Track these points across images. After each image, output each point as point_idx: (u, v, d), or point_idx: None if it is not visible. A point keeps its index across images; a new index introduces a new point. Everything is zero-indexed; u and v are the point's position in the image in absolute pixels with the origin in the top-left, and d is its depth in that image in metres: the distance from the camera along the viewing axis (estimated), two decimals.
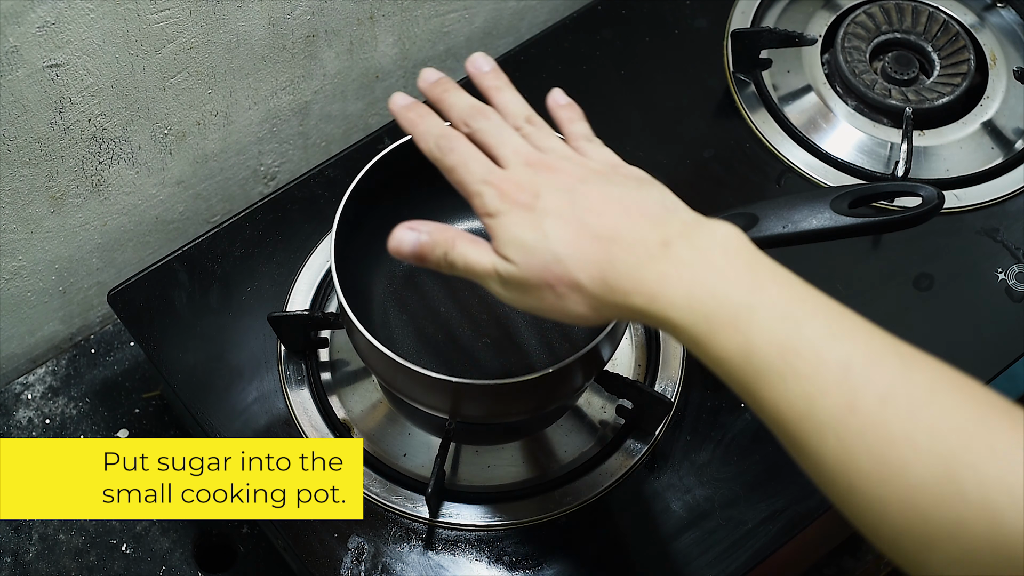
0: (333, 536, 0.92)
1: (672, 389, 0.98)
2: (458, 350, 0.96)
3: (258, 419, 0.97)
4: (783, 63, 1.15)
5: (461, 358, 0.95)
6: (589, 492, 0.94)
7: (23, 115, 0.95)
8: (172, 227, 1.16)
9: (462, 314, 0.97)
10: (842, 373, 0.59)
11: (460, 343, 0.96)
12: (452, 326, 0.97)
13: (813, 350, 0.60)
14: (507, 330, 0.96)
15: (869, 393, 0.58)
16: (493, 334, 0.96)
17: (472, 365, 0.95)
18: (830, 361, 0.59)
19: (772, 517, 0.93)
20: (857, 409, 0.58)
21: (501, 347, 0.96)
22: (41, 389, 1.11)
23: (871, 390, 0.58)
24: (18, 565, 1.01)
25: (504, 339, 0.96)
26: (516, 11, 1.27)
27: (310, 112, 1.18)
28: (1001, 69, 1.15)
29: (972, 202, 1.08)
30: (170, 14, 0.98)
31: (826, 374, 0.59)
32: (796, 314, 0.62)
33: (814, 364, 0.60)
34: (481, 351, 0.96)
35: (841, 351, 0.60)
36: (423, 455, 0.96)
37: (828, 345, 0.60)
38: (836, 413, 0.58)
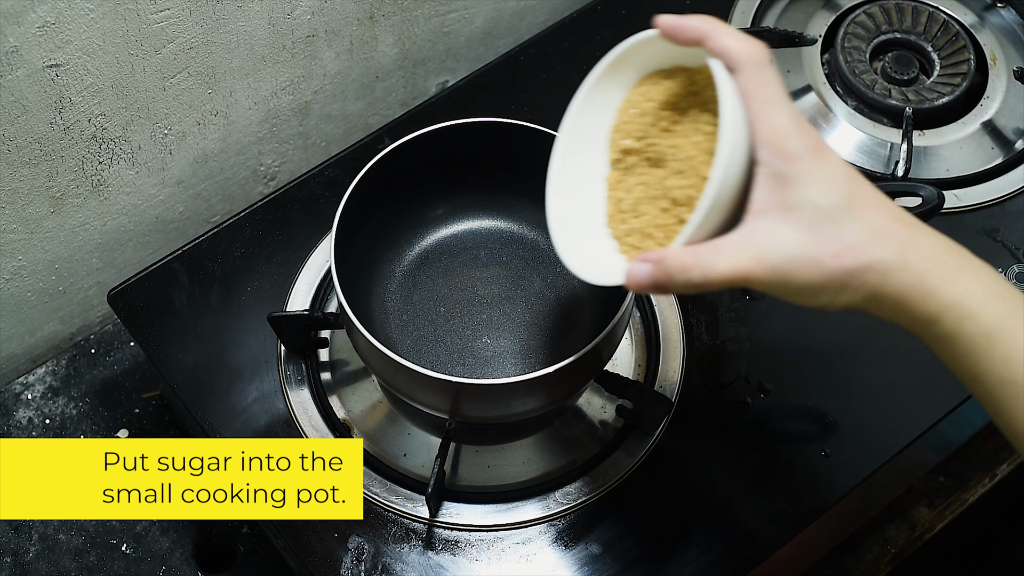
0: (333, 536, 0.92)
1: (672, 389, 0.98)
2: (458, 350, 0.96)
3: (258, 419, 0.97)
4: (783, 63, 1.15)
5: (461, 358, 0.96)
6: (589, 492, 0.94)
7: (23, 115, 0.95)
8: (172, 227, 1.16)
9: (462, 314, 0.97)
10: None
11: (460, 343, 0.96)
12: (452, 326, 0.97)
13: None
14: (507, 330, 0.96)
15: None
16: (493, 334, 0.96)
17: (472, 365, 0.95)
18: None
19: (772, 517, 0.93)
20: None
21: (501, 347, 0.96)
22: (41, 389, 1.11)
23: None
24: (18, 565, 1.01)
25: (504, 339, 0.96)
26: (516, 11, 1.27)
27: (310, 112, 1.18)
28: (1001, 69, 1.15)
29: (972, 202, 1.08)
30: (170, 14, 0.98)
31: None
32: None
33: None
34: (481, 351, 0.96)
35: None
36: (423, 455, 0.96)
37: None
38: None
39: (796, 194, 0.64)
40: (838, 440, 0.96)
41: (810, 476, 0.95)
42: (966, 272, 0.65)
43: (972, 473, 1.11)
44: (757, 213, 0.65)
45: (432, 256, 1.01)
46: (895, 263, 0.64)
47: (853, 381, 0.99)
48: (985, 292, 0.64)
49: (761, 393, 0.98)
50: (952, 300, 0.64)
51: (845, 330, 1.00)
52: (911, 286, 0.64)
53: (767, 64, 0.66)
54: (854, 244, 0.64)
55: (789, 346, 1.01)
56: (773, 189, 0.65)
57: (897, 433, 0.96)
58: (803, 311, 1.01)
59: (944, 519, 1.10)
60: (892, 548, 1.08)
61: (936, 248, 0.65)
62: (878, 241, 0.64)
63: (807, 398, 0.98)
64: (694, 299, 1.02)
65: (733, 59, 0.67)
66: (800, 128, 0.65)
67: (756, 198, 0.65)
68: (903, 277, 0.64)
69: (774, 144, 0.65)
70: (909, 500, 1.10)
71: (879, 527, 1.09)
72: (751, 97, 0.66)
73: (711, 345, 1.01)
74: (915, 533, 1.09)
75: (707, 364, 1.00)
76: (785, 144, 0.65)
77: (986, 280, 0.65)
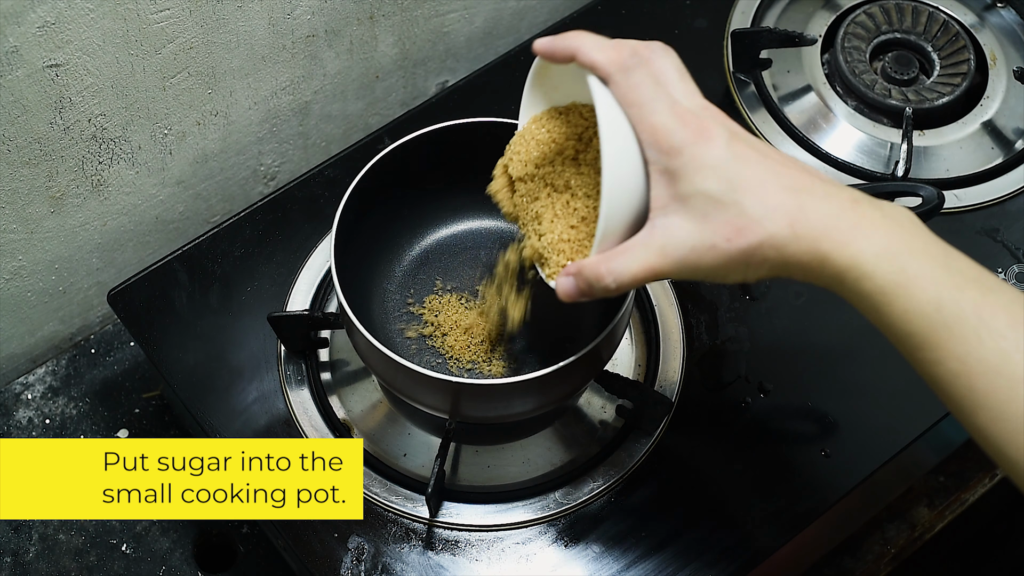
0: (333, 536, 0.92)
1: (672, 389, 0.98)
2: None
3: (258, 419, 0.97)
4: (783, 63, 1.15)
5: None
6: (589, 492, 0.94)
7: (23, 115, 0.95)
8: (172, 227, 1.16)
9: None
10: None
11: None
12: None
13: (1008, 310, 0.64)
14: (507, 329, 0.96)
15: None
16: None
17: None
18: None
19: (772, 517, 0.93)
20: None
21: (501, 347, 0.96)
22: (41, 389, 1.11)
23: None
24: (18, 565, 1.01)
25: (504, 338, 0.96)
26: (516, 11, 1.27)
27: (310, 112, 1.18)
28: (1001, 69, 1.15)
29: (972, 202, 1.08)
30: (170, 14, 0.98)
31: (1022, 333, 0.63)
32: (988, 282, 0.65)
33: (1009, 323, 0.63)
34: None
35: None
36: (423, 455, 0.96)
37: (1022, 308, 0.64)
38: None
39: (686, 186, 0.67)
40: (838, 440, 0.96)
41: (810, 476, 0.95)
42: (860, 232, 0.66)
43: (972, 473, 1.11)
44: (657, 210, 0.68)
45: (432, 256, 1.01)
46: (786, 236, 0.66)
47: (853, 381, 0.99)
48: (878, 251, 0.65)
49: (761, 393, 0.98)
50: (847, 263, 0.65)
51: (845, 330, 1.00)
52: (807, 254, 0.66)
53: (635, 67, 0.69)
54: (745, 225, 0.66)
55: (789, 346, 1.01)
56: (666, 185, 0.68)
57: (897, 433, 0.96)
58: (804, 311, 1.02)
59: (944, 519, 1.10)
60: (892, 548, 1.08)
61: (827, 213, 0.66)
62: (768, 217, 0.66)
63: (807, 398, 0.98)
64: (694, 299, 1.02)
65: (602, 71, 0.70)
66: (680, 120, 0.68)
67: (654, 195, 0.69)
68: (797, 247, 0.66)
69: (656, 143, 0.68)
70: (909, 500, 1.10)
71: (879, 527, 1.09)
72: (627, 102, 0.69)
73: (711, 345, 1.01)
74: (915, 533, 1.09)
75: (707, 364, 1.00)
76: (666, 141, 0.67)
77: (879, 238, 0.66)
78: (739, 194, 0.66)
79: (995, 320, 0.63)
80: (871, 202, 0.68)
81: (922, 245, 0.66)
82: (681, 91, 0.70)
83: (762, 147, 0.69)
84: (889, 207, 0.68)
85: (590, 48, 0.71)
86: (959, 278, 0.65)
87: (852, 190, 0.69)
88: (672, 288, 1.02)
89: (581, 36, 0.72)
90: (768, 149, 0.69)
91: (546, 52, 0.74)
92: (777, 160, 0.68)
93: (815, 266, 0.66)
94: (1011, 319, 0.63)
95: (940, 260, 0.66)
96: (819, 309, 1.02)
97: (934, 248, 0.66)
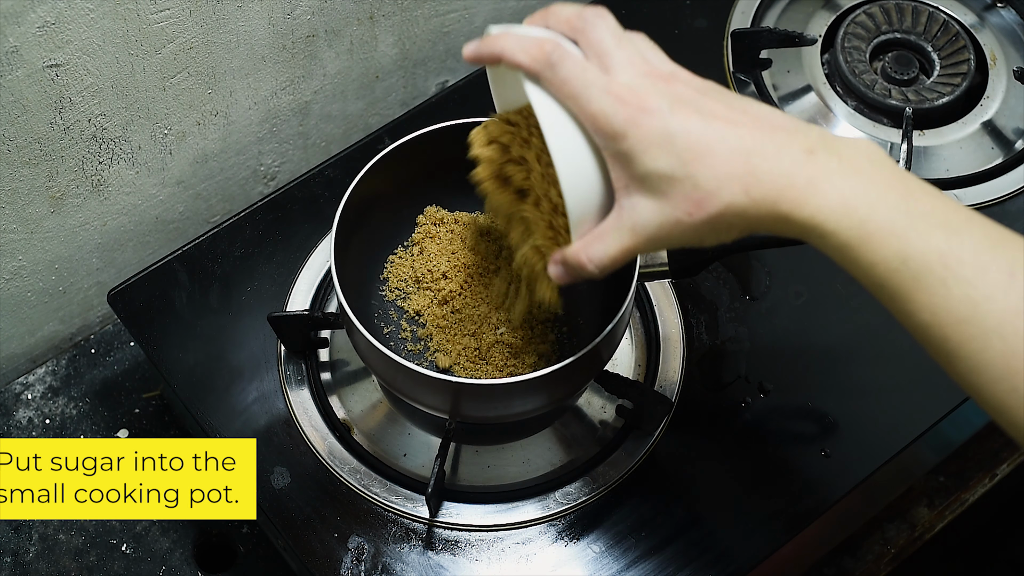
0: (333, 536, 0.92)
1: (672, 389, 0.98)
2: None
3: (258, 419, 0.97)
4: (783, 63, 1.15)
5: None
6: (589, 492, 0.94)
7: (23, 115, 0.95)
8: (172, 227, 1.16)
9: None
10: (1008, 279, 0.61)
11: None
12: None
13: (975, 256, 0.62)
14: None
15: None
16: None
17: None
18: (992, 268, 0.61)
19: (772, 517, 0.93)
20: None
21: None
22: (41, 389, 1.11)
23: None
24: (18, 565, 1.01)
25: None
26: (516, 11, 1.27)
27: (310, 112, 1.18)
28: (1001, 69, 1.15)
29: (972, 202, 1.07)
30: (170, 14, 0.98)
31: (990, 279, 0.61)
32: (953, 222, 0.63)
33: (976, 270, 0.61)
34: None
35: (1004, 257, 0.62)
36: (423, 455, 0.96)
37: (990, 252, 0.62)
38: (1003, 317, 0.61)
39: (638, 167, 0.67)
40: (838, 440, 0.96)
41: (810, 476, 0.95)
42: (816, 189, 0.64)
43: (972, 473, 1.11)
44: (621, 191, 0.69)
45: None
46: (744, 203, 0.65)
47: (853, 381, 0.99)
48: (835, 207, 0.64)
49: (761, 393, 0.98)
50: (806, 222, 0.65)
51: (845, 330, 1.00)
52: (768, 216, 0.65)
53: (559, 60, 0.68)
54: (702, 198, 0.66)
55: (789, 346, 1.01)
56: (622, 167, 0.68)
57: (897, 433, 0.96)
58: (803, 311, 1.02)
59: (944, 519, 1.10)
60: (892, 548, 1.08)
61: (780, 172, 0.65)
62: (722, 187, 0.65)
63: (807, 398, 0.98)
64: (694, 299, 1.02)
65: (530, 71, 0.70)
66: (618, 101, 0.67)
67: (614, 177, 0.69)
68: (757, 211, 0.65)
69: (599, 130, 0.67)
70: (909, 500, 1.10)
71: (879, 527, 1.09)
72: (562, 96, 0.69)
73: (711, 345, 1.01)
74: (915, 533, 1.09)
75: (707, 364, 1.00)
76: (607, 127, 0.67)
77: (835, 193, 0.64)
78: (690, 167, 0.65)
79: (962, 268, 0.61)
80: (827, 147, 0.65)
81: (882, 192, 0.64)
82: (619, 59, 0.68)
83: (708, 105, 0.67)
84: (847, 148, 0.65)
85: (513, 50, 0.70)
86: (922, 224, 0.63)
87: (808, 134, 0.66)
88: (672, 288, 1.02)
89: (504, 37, 0.71)
90: (715, 105, 0.67)
91: (472, 58, 0.73)
92: (725, 119, 0.66)
93: (780, 225, 0.66)
94: (978, 265, 0.62)
95: (902, 207, 0.63)
96: (819, 309, 1.02)
97: (895, 193, 0.64)
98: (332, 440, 0.96)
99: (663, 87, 0.67)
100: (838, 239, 0.64)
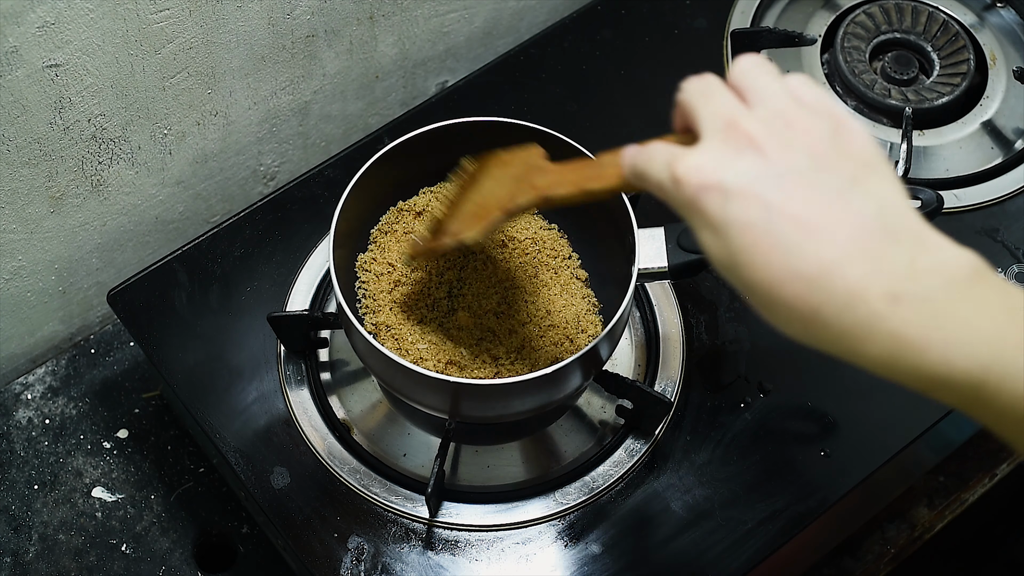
0: (333, 536, 0.92)
1: (672, 389, 0.98)
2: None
3: (258, 419, 0.97)
4: (783, 63, 1.15)
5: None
6: (589, 492, 0.94)
7: (23, 115, 0.95)
8: (172, 227, 1.16)
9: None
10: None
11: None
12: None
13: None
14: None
15: None
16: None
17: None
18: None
19: (772, 517, 0.93)
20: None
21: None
22: (41, 389, 1.11)
23: None
24: (18, 565, 1.01)
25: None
26: (516, 11, 1.27)
27: (310, 112, 1.18)
28: (1001, 69, 1.15)
29: (972, 202, 1.08)
30: (170, 14, 0.98)
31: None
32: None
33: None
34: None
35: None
36: (423, 455, 0.96)
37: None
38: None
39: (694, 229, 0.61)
40: (838, 440, 0.96)
41: (810, 476, 0.95)
42: (901, 343, 0.55)
43: (972, 473, 1.11)
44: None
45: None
46: (806, 340, 0.58)
47: (853, 381, 0.98)
48: (942, 365, 0.55)
49: (761, 393, 0.98)
50: (908, 377, 0.57)
51: None
52: (838, 354, 0.58)
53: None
54: (756, 306, 0.58)
55: (789, 346, 1.00)
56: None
57: (897, 433, 0.96)
58: None
59: (944, 519, 1.10)
60: (892, 548, 1.08)
61: (852, 322, 0.56)
62: (779, 317, 0.58)
63: (807, 398, 0.98)
64: (694, 299, 1.02)
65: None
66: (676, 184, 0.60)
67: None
68: (819, 347, 0.58)
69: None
70: (909, 500, 1.10)
71: (879, 527, 1.09)
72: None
73: (711, 345, 1.01)
74: (915, 533, 1.09)
75: (707, 364, 1.00)
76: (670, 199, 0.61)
77: (936, 353, 0.55)
78: (740, 272, 0.56)
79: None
80: (916, 282, 0.54)
81: (991, 330, 0.53)
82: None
83: (774, 196, 0.55)
84: (940, 280, 0.54)
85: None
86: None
87: (900, 250, 0.55)
88: (672, 288, 1.02)
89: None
90: (784, 200, 0.55)
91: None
92: (791, 219, 0.55)
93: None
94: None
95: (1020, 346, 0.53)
96: None
97: (1007, 327, 0.53)
98: (332, 440, 0.96)
99: (720, 174, 0.57)
100: (954, 395, 0.55)
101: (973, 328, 0.54)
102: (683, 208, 0.59)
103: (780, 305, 0.56)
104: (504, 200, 0.79)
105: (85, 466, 1.06)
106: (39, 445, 1.07)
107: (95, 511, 1.04)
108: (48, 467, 1.06)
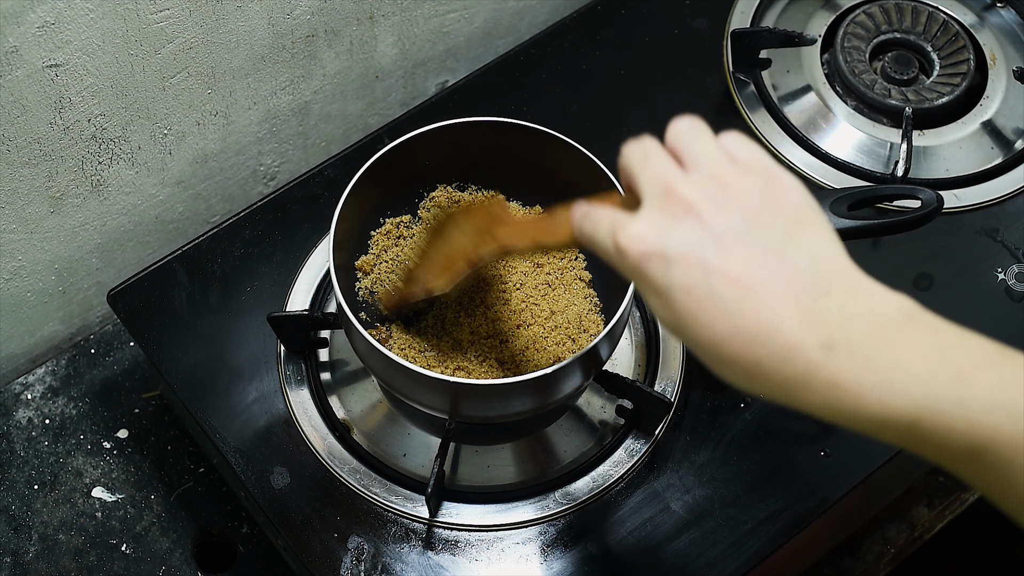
0: (333, 536, 0.92)
1: (672, 389, 0.98)
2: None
3: (258, 419, 0.97)
4: (783, 63, 1.15)
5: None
6: (589, 492, 0.94)
7: (23, 115, 0.95)
8: (172, 227, 1.16)
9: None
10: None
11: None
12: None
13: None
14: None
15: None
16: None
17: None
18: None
19: (772, 517, 0.93)
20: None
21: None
22: (41, 389, 1.11)
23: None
24: (18, 565, 1.01)
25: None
26: (516, 11, 1.27)
27: (310, 112, 1.18)
28: (1001, 69, 1.15)
29: (972, 202, 1.08)
30: (170, 14, 0.98)
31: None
32: (1009, 395, 0.56)
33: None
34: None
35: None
36: (423, 455, 0.96)
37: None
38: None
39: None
40: (838, 440, 0.96)
41: (810, 476, 0.95)
42: (843, 394, 0.58)
43: None
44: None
45: None
46: (752, 390, 0.60)
47: None
48: (879, 411, 0.57)
49: None
50: (849, 420, 0.59)
51: None
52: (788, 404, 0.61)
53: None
54: (703, 360, 0.61)
55: None
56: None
57: None
58: None
59: (944, 519, 1.10)
60: (892, 548, 1.08)
61: (793, 375, 0.58)
62: (723, 371, 0.60)
63: None
64: None
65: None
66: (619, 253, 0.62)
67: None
68: (770, 398, 0.60)
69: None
70: (909, 500, 1.10)
71: (879, 527, 1.09)
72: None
73: None
74: (915, 533, 1.09)
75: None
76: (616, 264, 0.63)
77: (873, 400, 0.57)
78: (686, 332, 0.59)
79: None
80: (849, 331, 0.56)
81: (926, 375, 0.56)
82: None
83: (711, 259, 0.57)
84: (873, 326, 0.57)
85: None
86: (980, 405, 0.55)
87: (833, 301, 0.57)
88: None
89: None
90: (721, 262, 0.57)
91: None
92: (729, 280, 0.57)
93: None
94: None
95: (949, 394, 0.55)
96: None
97: (940, 372, 0.56)
98: (332, 440, 0.96)
99: (677, 220, 0.59)
100: (887, 436, 0.57)
101: (904, 369, 0.56)
102: (628, 274, 0.61)
103: (725, 360, 0.58)
104: (468, 251, 0.84)
105: (85, 466, 1.07)
106: (39, 445, 1.07)
107: (95, 511, 1.04)
108: (48, 467, 1.06)
